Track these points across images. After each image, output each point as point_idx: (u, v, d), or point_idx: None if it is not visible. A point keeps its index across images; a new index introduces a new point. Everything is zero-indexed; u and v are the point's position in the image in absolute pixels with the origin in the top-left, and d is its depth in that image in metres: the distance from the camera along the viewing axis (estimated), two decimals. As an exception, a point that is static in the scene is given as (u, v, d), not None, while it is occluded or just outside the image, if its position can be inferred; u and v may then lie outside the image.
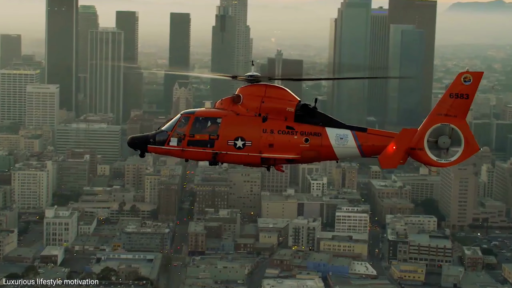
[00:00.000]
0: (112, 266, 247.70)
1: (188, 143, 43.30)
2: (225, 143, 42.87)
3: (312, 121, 42.93)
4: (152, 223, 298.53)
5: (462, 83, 40.74)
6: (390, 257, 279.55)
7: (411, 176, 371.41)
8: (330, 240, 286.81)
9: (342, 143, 42.66)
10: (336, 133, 42.77)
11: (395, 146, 41.58)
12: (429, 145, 41.47)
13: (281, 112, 42.83)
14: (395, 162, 41.92)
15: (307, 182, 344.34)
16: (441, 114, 41.30)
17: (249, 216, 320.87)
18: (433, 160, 41.61)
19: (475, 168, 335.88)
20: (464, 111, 41.20)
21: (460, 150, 41.16)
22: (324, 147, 42.75)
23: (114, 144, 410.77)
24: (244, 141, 42.73)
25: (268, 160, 43.09)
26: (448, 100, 41.13)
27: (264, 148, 42.67)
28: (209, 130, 43.20)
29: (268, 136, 42.62)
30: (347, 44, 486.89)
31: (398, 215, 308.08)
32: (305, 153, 42.81)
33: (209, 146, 43.02)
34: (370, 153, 43.00)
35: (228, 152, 42.91)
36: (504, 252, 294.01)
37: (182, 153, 43.76)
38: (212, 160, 43.25)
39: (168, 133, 43.84)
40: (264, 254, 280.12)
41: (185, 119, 43.67)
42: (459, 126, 41.12)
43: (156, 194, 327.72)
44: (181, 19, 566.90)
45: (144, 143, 44.55)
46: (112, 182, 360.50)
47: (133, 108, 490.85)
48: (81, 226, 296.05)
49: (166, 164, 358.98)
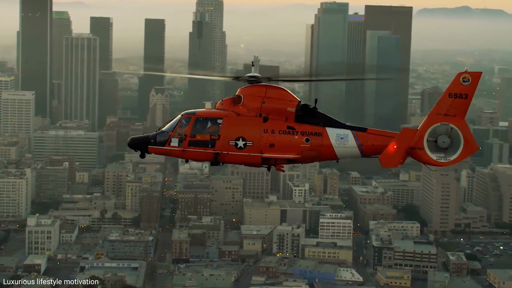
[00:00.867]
0: (97, 274, 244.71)
1: (189, 144, 43.48)
2: (226, 143, 43.06)
3: (313, 121, 43.26)
4: (135, 230, 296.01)
5: (461, 83, 41.36)
6: (375, 263, 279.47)
7: (391, 182, 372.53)
8: (315, 246, 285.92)
9: (343, 143, 43.02)
10: (337, 133, 43.10)
11: (396, 145, 42.05)
12: (429, 144, 41.92)
13: (281, 113, 43.13)
14: (396, 161, 42.35)
15: (288, 188, 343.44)
16: (441, 114, 41.78)
17: (232, 223, 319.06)
18: (433, 159, 42.10)
19: (456, 174, 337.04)
20: (463, 110, 41.67)
21: (460, 149, 41.71)
22: (324, 147, 43.12)
23: (92, 151, 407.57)
24: (245, 141, 42.98)
25: (269, 160, 43.36)
26: (447, 100, 41.57)
27: (265, 148, 42.97)
28: (210, 130, 43.38)
29: (269, 136, 42.94)
30: (324, 50, 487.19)
31: (381, 221, 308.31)
32: (306, 153, 43.11)
33: (210, 146, 43.20)
34: (370, 153, 43.32)
35: (229, 152, 43.13)
36: (487, 257, 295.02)
37: (183, 154, 43.95)
38: (213, 160, 43.43)
39: (169, 134, 43.94)
40: (248, 261, 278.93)
41: (186, 119, 43.78)
42: (459, 125, 41.64)
43: (138, 202, 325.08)
44: (156, 25, 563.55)
45: (144, 144, 44.59)
46: (91, 190, 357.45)
47: (108, 114, 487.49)
48: (63, 235, 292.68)
49: (146, 170, 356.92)
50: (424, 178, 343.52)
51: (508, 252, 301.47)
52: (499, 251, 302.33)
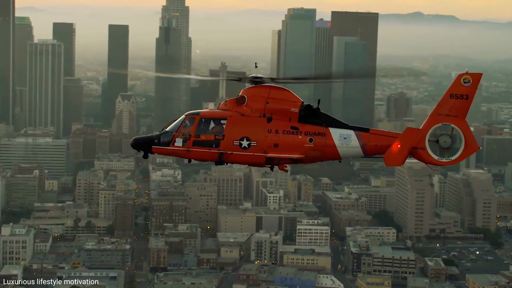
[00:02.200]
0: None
1: (193, 143, 43.72)
2: (230, 143, 43.39)
3: (316, 122, 43.92)
4: (110, 239, 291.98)
5: (462, 84, 42.23)
6: (354, 269, 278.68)
7: (363, 187, 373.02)
8: (293, 253, 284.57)
9: (346, 143, 43.64)
10: (340, 133, 43.73)
11: (400, 144, 42.67)
12: (430, 144, 42.62)
13: (285, 113, 43.65)
14: (401, 160, 42.90)
15: (262, 195, 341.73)
16: (442, 114, 42.54)
17: (207, 230, 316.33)
18: (435, 159, 42.76)
19: (430, 179, 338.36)
20: (464, 111, 42.51)
21: (461, 149, 42.49)
22: (328, 147, 43.66)
23: (60, 158, 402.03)
24: (249, 141, 43.35)
25: (273, 160, 43.71)
26: (449, 101, 42.36)
27: (269, 148, 43.35)
28: (215, 130, 43.69)
29: (273, 136, 43.36)
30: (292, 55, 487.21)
31: (358, 227, 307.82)
32: (309, 153, 43.60)
33: (215, 146, 43.51)
34: (373, 153, 44.00)
35: (233, 152, 43.47)
36: (464, 262, 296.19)
37: (187, 154, 44.11)
38: (218, 160, 43.75)
39: (173, 134, 44.08)
40: (227, 269, 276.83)
41: (190, 120, 44.01)
42: (460, 125, 42.42)
43: (111, 210, 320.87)
44: (120, 31, 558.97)
45: (148, 144, 44.75)
46: (61, 198, 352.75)
47: (73, 121, 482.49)
48: (37, 244, 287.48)
49: (117, 178, 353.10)
50: (398, 184, 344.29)
51: (483, 257, 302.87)
52: (475, 256, 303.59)
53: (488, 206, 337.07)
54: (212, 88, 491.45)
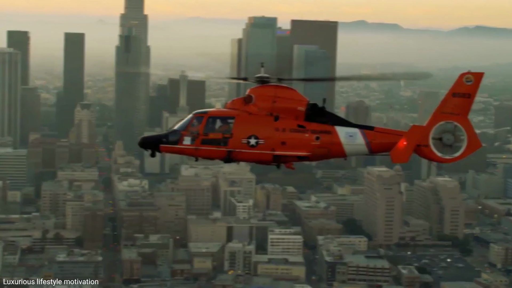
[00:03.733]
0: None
1: (202, 142, 44.39)
2: (239, 141, 44.23)
3: (322, 120, 44.84)
4: (80, 251, 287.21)
5: (464, 83, 43.85)
6: (329, 279, 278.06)
7: (329, 196, 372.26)
8: (267, 263, 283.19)
9: (352, 140, 44.68)
10: (346, 131, 44.77)
11: (406, 141, 43.85)
12: (434, 142, 43.90)
13: (292, 112, 44.50)
14: (407, 157, 43.93)
15: (231, 204, 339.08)
16: (445, 113, 43.95)
17: (177, 240, 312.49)
18: (438, 156, 44.13)
19: (399, 187, 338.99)
20: (467, 109, 43.97)
21: (463, 146, 43.81)
22: (334, 144, 44.63)
23: (21, 169, 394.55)
24: (257, 139, 44.19)
25: (280, 158, 44.52)
26: (452, 99, 43.91)
27: (277, 146, 44.23)
28: (223, 129, 44.51)
29: (281, 134, 44.27)
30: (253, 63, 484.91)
31: (330, 236, 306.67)
32: (316, 151, 44.52)
33: (223, 145, 44.30)
34: (378, 150, 45.06)
35: (242, 150, 44.32)
36: (436, 270, 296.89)
37: (195, 152, 44.76)
38: (226, 157, 44.51)
39: (181, 133, 44.70)
40: (201, 280, 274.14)
41: (198, 118, 44.72)
42: (462, 123, 43.80)
43: (78, 221, 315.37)
44: (75, 39, 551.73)
45: (156, 143, 45.29)
46: (24, 209, 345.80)
47: (30, 131, 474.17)
48: (6, 257, 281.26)
49: (82, 188, 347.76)
50: (367, 192, 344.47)
51: (454, 265, 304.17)
52: (446, 264, 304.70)
53: (456, 214, 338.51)
54: (172, 97, 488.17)
